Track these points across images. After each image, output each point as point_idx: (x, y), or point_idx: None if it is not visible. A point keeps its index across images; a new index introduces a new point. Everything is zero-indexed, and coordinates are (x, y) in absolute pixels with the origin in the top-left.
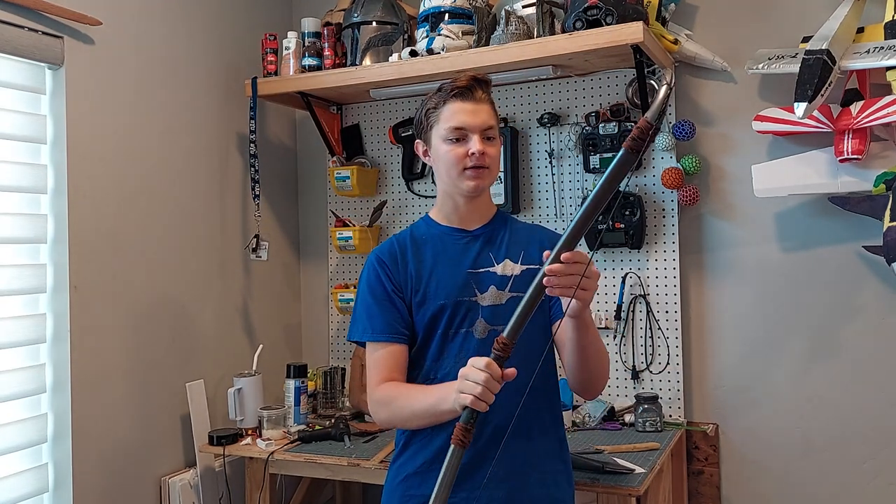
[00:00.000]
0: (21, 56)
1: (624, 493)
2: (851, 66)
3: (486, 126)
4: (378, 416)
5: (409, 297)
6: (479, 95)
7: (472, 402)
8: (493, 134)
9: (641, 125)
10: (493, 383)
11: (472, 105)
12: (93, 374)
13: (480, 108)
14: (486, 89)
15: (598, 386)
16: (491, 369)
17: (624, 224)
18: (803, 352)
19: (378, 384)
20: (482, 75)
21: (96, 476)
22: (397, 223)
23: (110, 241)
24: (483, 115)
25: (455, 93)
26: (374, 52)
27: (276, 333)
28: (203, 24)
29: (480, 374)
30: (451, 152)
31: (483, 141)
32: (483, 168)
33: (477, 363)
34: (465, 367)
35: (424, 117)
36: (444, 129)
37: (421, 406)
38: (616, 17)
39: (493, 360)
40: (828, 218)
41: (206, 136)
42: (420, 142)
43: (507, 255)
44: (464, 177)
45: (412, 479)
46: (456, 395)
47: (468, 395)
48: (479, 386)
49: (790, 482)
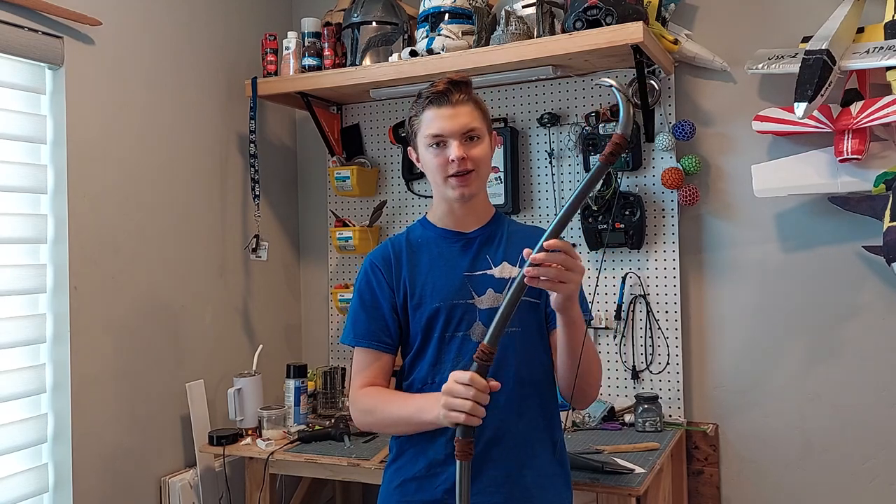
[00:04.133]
0: (21, 56)
1: (624, 493)
2: (851, 66)
3: (465, 129)
4: (359, 421)
5: (405, 301)
6: (455, 98)
7: (465, 419)
8: (476, 133)
9: (617, 140)
10: (481, 396)
11: (448, 110)
12: (93, 374)
13: (458, 111)
14: (464, 90)
15: (590, 393)
16: (476, 383)
17: (624, 224)
18: (803, 352)
19: (358, 387)
20: (460, 76)
21: (96, 476)
22: (397, 223)
23: (110, 241)
24: (462, 117)
25: (431, 99)
26: (374, 52)
27: (276, 333)
28: (203, 24)
29: (467, 389)
30: (434, 160)
31: (464, 144)
32: (468, 173)
33: (461, 378)
34: (448, 383)
35: (409, 125)
36: (424, 136)
37: (401, 415)
38: (616, 17)
39: (475, 374)
40: (828, 218)
41: (206, 136)
42: (411, 149)
43: (504, 258)
44: (448, 185)
45: (409, 484)
46: (443, 411)
47: (459, 412)
48: (467, 402)
49: (790, 482)
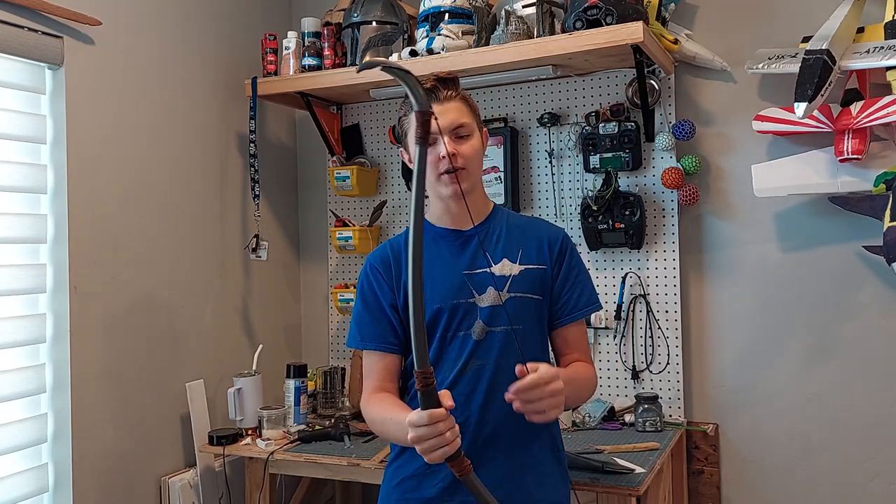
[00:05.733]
0: (21, 56)
1: (624, 493)
2: (851, 66)
3: (453, 125)
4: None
5: (405, 302)
6: (443, 95)
7: (442, 455)
8: (466, 130)
9: (419, 118)
10: (446, 424)
11: (436, 107)
12: (93, 374)
13: (446, 108)
14: (452, 87)
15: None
16: (434, 418)
17: (624, 224)
18: (803, 352)
19: (369, 393)
20: (447, 74)
21: (96, 476)
22: (397, 223)
23: (110, 241)
24: (450, 114)
25: None
26: (373, 52)
27: (276, 333)
28: (203, 24)
29: (431, 429)
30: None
31: (453, 140)
32: (458, 170)
33: (418, 422)
34: (410, 433)
35: (399, 126)
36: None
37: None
38: (616, 17)
39: (429, 410)
40: (828, 218)
41: (206, 135)
42: (402, 150)
43: (504, 255)
44: (440, 183)
45: (408, 482)
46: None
47: (437, 452)
48: (439, 439)
49: (790, 482)
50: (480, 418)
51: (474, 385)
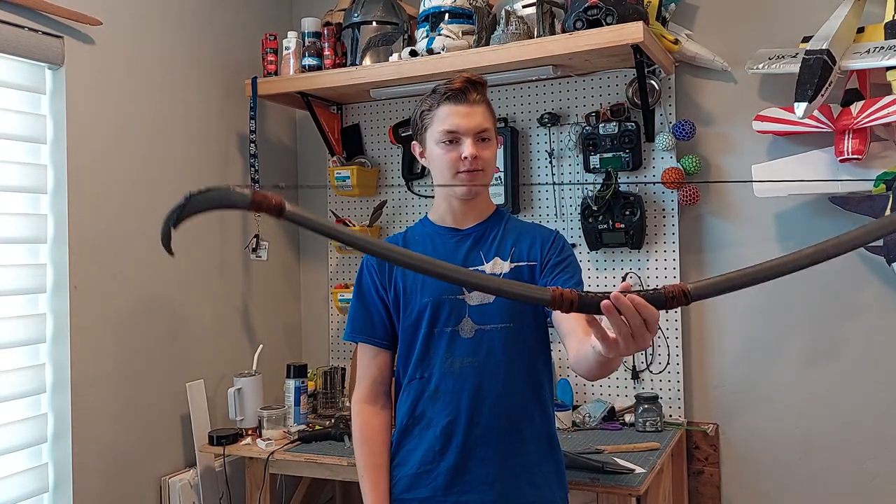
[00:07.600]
0: (21, 56)
1: (624, 493)
2: (851, 66)
3: (479, 129)
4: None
5: (396, 298)
6: (473, 97)
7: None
8: (488, 135)
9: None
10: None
11: (465, 108)
12: (93, 374)
13: (474, 111)
14: (480, 91)
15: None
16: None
17: (624, 224)
18: (803, 352)
19: (361, 400)
20: (477, 77)
21: (96, 476)
22: (397, 223)
23: (110, 241)
24: (477, 117)
25: (448, 95)
26: (374, 52)
27: (276, 333)
28: (203, 24)
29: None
30: (445, 156)
31: (476, 143)
32: (476, 171)
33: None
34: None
35: (419, 119)
36: (438, 132)
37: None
38: (616, 17)
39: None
40: (828, 218)
41: (206, 135)
42: (416, 143)
43: (497, 254)
44: (457, 181)
45: (402, 481)
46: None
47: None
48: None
49: (790, 482)
50: (470, 417)
51: (463, 383)
